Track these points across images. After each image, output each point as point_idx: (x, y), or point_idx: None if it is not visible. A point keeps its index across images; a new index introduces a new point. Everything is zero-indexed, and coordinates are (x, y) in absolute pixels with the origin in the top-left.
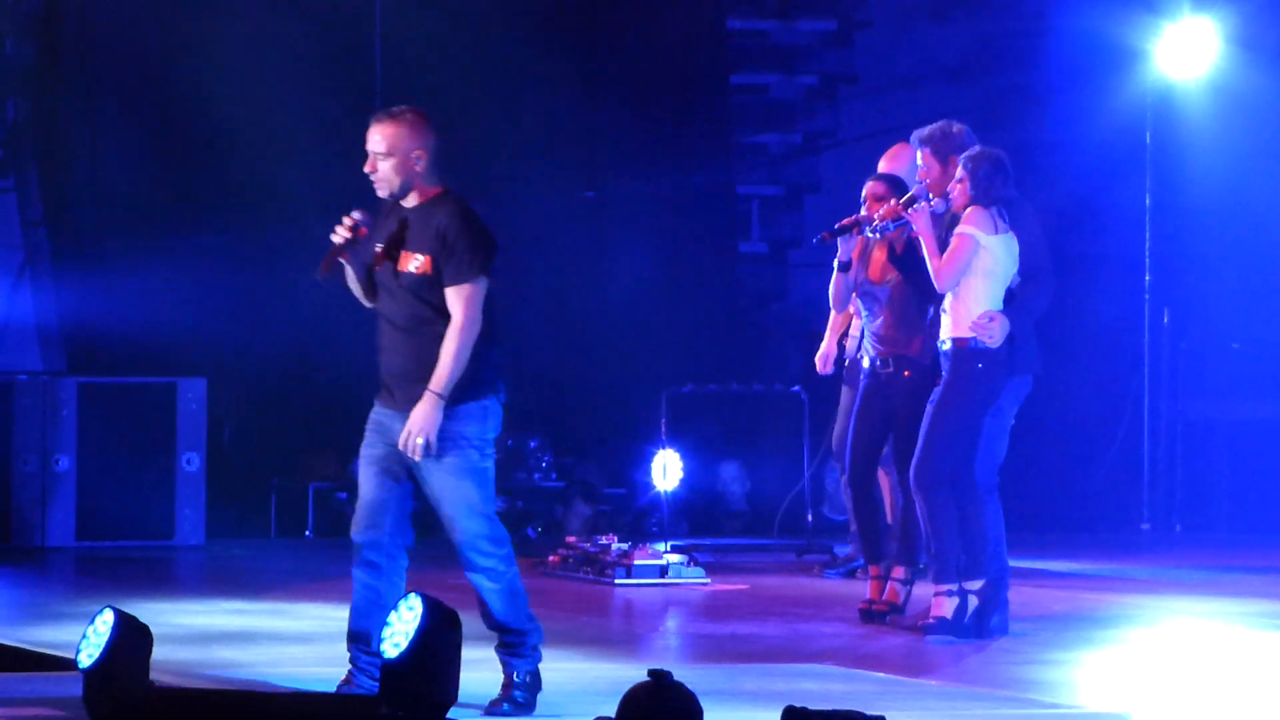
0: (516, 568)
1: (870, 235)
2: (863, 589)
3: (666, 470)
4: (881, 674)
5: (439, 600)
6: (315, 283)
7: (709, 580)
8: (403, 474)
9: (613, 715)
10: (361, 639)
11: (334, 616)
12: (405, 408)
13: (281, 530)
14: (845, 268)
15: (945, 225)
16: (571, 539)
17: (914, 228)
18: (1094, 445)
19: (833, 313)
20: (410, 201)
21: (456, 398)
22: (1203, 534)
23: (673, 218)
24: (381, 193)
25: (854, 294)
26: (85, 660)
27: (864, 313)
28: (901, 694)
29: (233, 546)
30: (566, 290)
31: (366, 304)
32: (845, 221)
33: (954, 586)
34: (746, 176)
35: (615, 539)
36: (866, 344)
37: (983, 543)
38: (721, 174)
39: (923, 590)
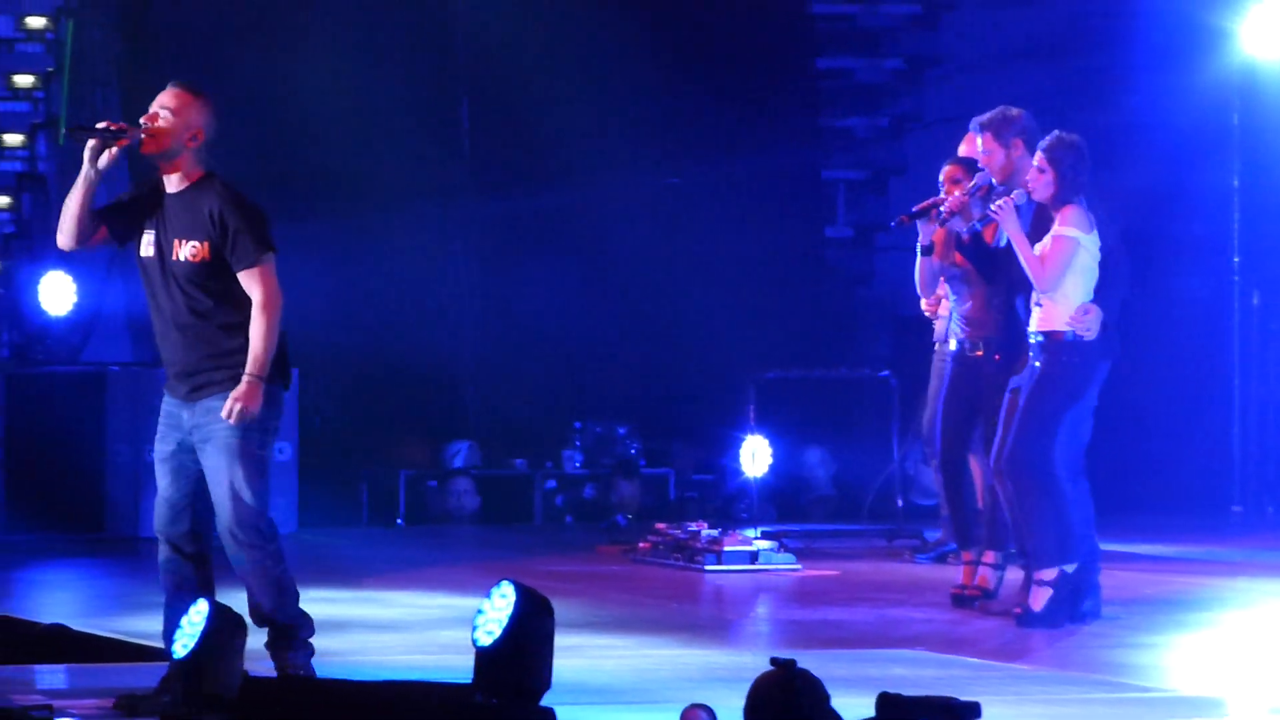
0: (286, 563)
1: (961, 230)
2: (953, 574)
3: (755, 456)
4: (974, 659)
5: (531, 587)
6: (404, 271)
7: (799, 566)
8: (195, 467)
9: (704, 702)
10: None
11: (426, 604)
12: (192, 398)
13: (373, 518)
14: (927, 251)
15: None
16: (661, 525)
17: (1002, 226)
18: (1184, 428)
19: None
20: (173, 185)
21: (238, 380)
22: None
23: (758, 202)
24: (148, 148)
25: (941, 278)
26: (180, 650)
27: (952, 296)
28: (994, 679)
29: (324, 535)
30: (652, 277)
31: (60, 239)
32: (923, 205)
33: (1050, 575)
34: (832, 160)
35: (705, 525)
36: (954, 326)
37: (1069, 526)
38: (807, 158)
39: (1015, 574)
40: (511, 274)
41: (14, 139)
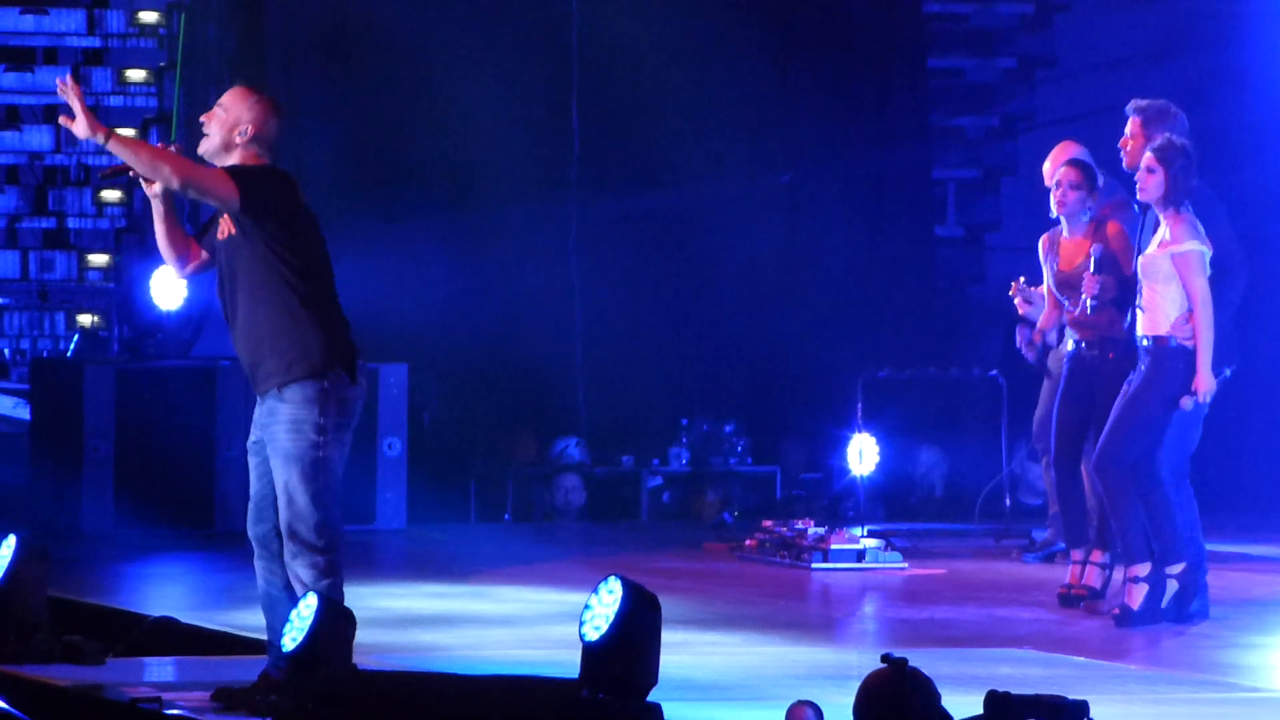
0: (338, 578)
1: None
2: (1061, 573)
3: (863, 455)
4: (1081, 658)
5: (638, 583)
6: (514, 268)
7: (906, 565)
8: None
9: (810, 699)
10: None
11: (534, 600)
12: (259, 392)
13: (481, 514)
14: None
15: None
16: (768, 523)
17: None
18: None
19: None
20: None
21: (293, 377)
22: None
23: (869, 202)
24: (202, 147)
25: (1053, 285)
26: (289, 644)
27: (1064, 302)
28: (1101, 678)
29: (433, 530)
30: (762, 275)
31: (177, 272)
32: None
33: (1144, 572)
34: (943, 160)
35: (812, 523)
36: (1069, 329)
37: (1174, 528)
38: (918, 157)
39: (1122, 575)
40: (620, 271)
41: (125, 133)
